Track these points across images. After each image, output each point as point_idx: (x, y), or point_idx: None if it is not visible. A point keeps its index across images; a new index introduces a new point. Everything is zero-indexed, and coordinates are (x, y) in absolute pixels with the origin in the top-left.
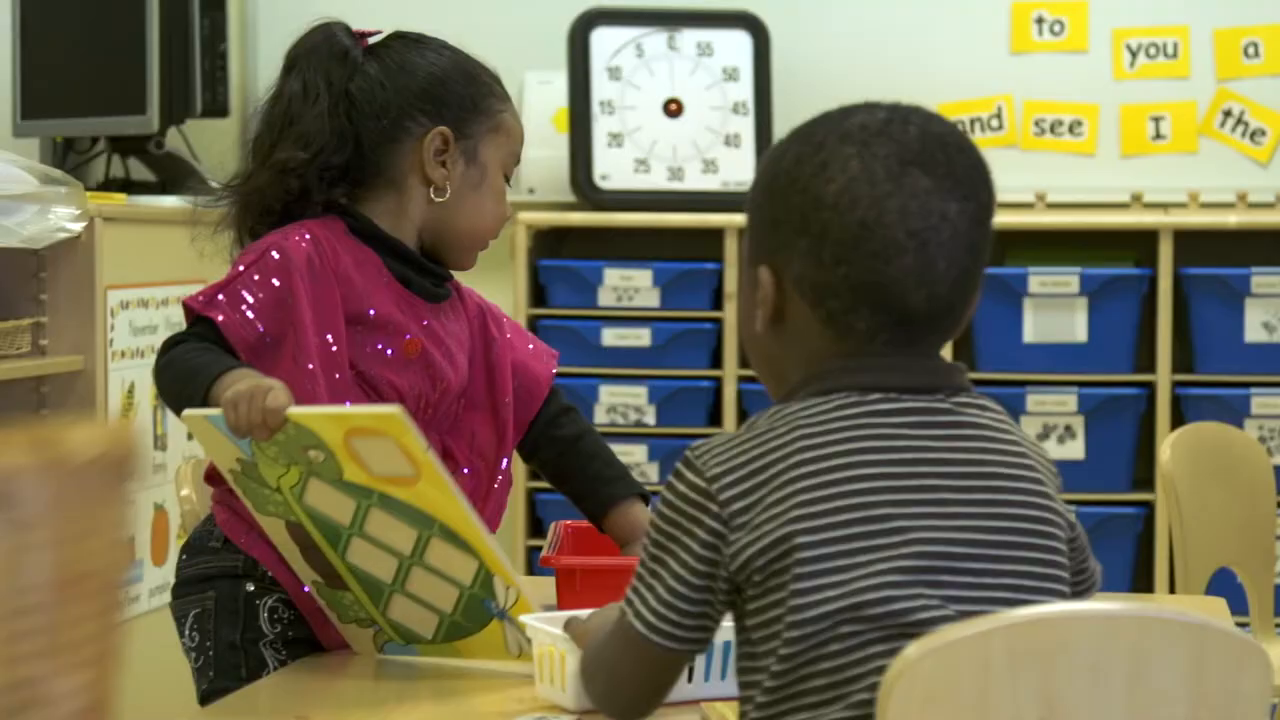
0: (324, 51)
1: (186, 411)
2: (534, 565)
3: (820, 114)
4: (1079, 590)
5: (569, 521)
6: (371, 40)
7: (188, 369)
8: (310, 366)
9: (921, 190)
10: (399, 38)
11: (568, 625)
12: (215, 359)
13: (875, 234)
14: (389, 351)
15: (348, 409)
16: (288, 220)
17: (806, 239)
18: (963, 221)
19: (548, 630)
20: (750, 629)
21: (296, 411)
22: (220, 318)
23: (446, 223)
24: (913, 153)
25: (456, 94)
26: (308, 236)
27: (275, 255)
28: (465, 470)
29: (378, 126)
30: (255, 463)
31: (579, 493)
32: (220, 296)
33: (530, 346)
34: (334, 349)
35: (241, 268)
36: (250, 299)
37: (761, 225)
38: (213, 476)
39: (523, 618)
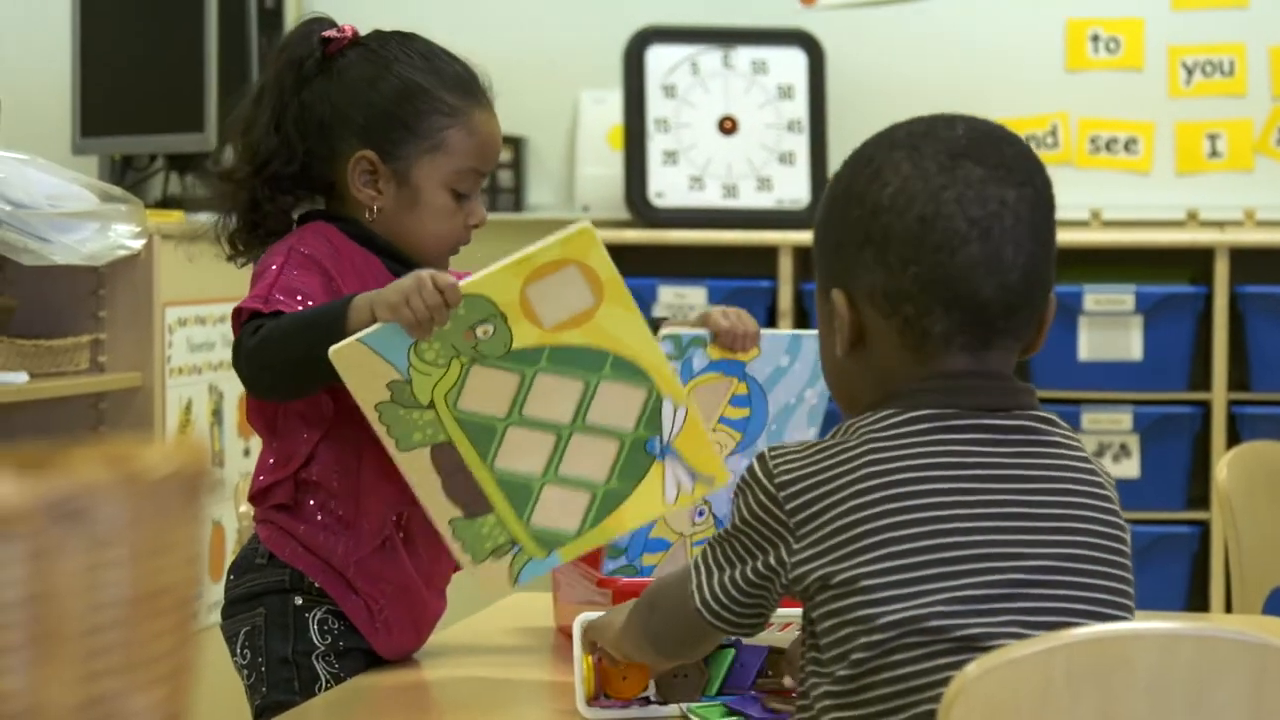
0: (288, 55)
1: (339, 346)
2: None
3: (867, 139)
4: None
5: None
6: (345, 41)
7: (299, 324)
8: None
9: (976, 179)
10: (365, 42)
11: (587, 630)
12: (318, 310)
13: (936, 226)
14: None
15: (530, 249)
16: (256, 225)
17: (871, 249)
18: (1023, 207)
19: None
20: (818, 633)
21: (473, 279)
22: (282, 308)
23: (394, 237)
24: (961, 147)
25: (389, 115)
26: (320, 237)
27: (304, 250)
28: None
29: (316, 143)
30: (409, 380)
31: None
32: (276, 294)
33: None
34: None
35: (275, 266)
36: (304, 288)
37: (827, 252)
38: (257, 495)
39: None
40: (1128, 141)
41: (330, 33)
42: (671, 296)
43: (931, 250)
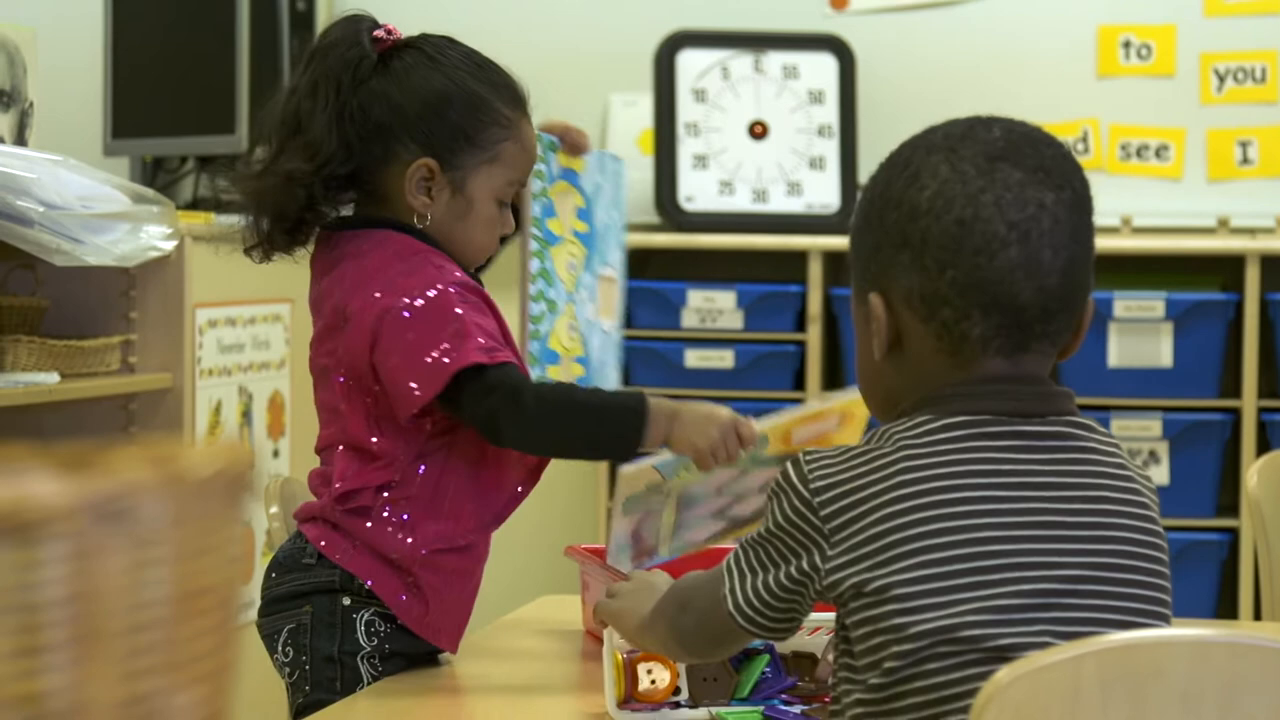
0: (340, 53)
1: (633, 470)
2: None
3: (905, 141)
4: None
5: (585, 546)
6: (394, 42)
7: (591, 411)
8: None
9: (1015, 182)
10: (419, 45)
11: (597, 610)
12: (614, 404)
13: (974, 230)
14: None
15: (814, 408)
16: (301, 223)
17: (908, 252)
18: (1061, 210)
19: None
20: (851, 639)
21: (770, 426)
22: (513, 358)
23: (440, 244)
24: (999, 149)
25: (451, 123)
26: (438, 254)
27: (453, 290)
28: None
29: (374, 145)
30: (666, 479)
31: None
32: (488, 343)
33: None
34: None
35: (457, 309)
36: (487, 326)
37: (863, 255)
38: (341, 497)
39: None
40: (1159, 148)
41: (379, 32)
42: (701, 300)
43: (970, 254)
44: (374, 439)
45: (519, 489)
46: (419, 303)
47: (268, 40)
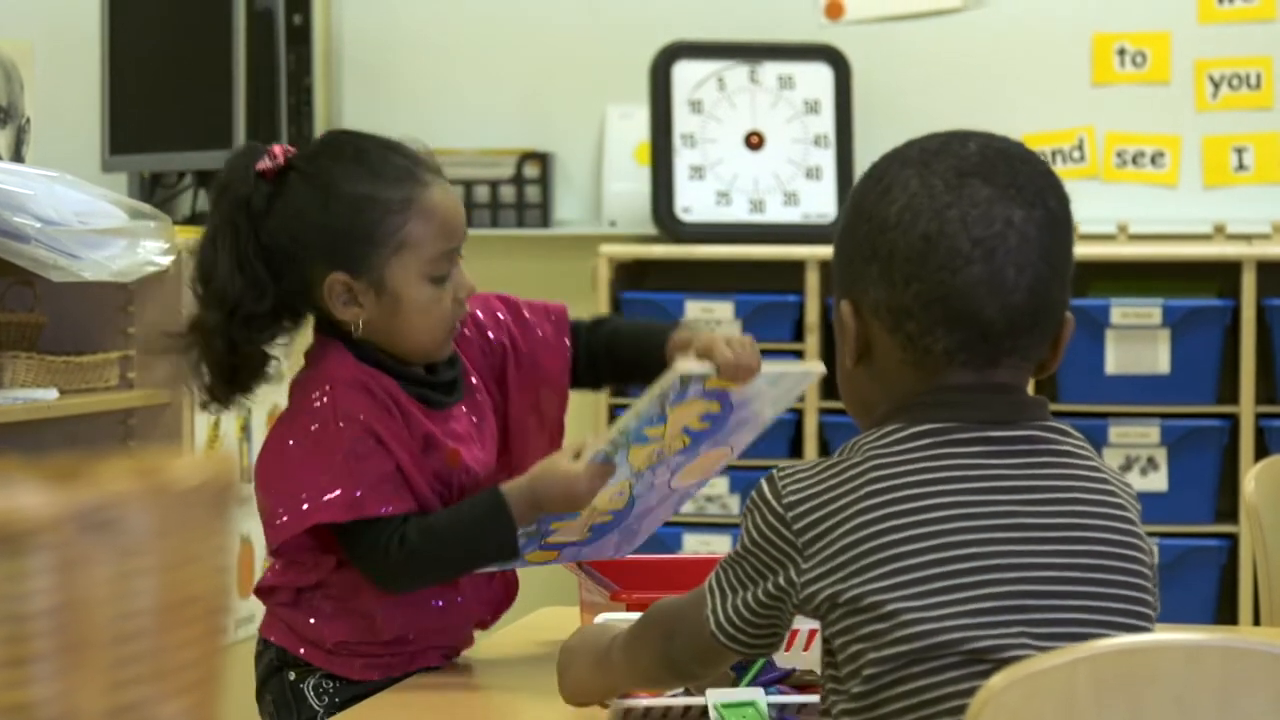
0: (232, 193)
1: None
2: None
3: (885, 153)
4: None
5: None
6: (278, 168)
7: (456, 533)
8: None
9: (982, 199)
10: (298, 165)
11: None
12: (474, 515)
13: (939, 245)
14: (438, 470)
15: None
16: (238, 369)
17: (877, 265)
18: (1030, 228)
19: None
20: (833, 651)
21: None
22: (384, 509)
23: (389, 345)
24: (971, 165)
25: (343, 232)
26: (348, 382)
27: (342, 424)
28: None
29: (287, 275)
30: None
31: (635, 368)
32: (358, 493)
33: (539, 333)
34: (427, 483)
35: (340, 455)
36: (380, 471)
37: (840, 264)
38: (262, 590)
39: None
40: (1154, 155)
41: (262, 164)
42: (698, 311)
43: (934, 269)
44: (285, 552)
45: (436, 602)
46: (296, 441)
47: (264, 55)
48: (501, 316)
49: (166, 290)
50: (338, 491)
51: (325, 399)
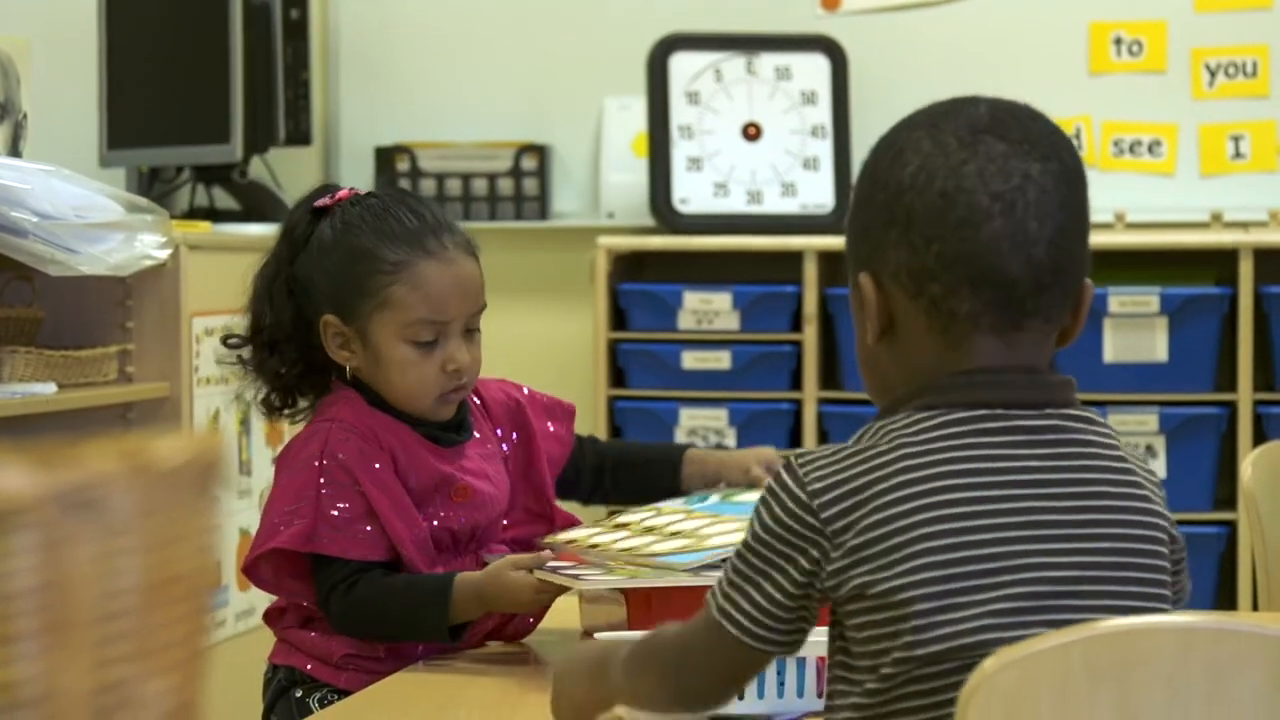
0: (288, 224)
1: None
2: None
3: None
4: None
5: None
6: (328, 206)
7: (397, 607)
8: (408, 555)
9: (998, 154)
10: (339, 210)
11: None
12: (419, 593)
13: (958, 201)
14: (443, 506)
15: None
16: (295, 384)
17: (895, 229)
18: (1048, 180)
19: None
20: (849, 641)
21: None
22: (338, 550)
23: (384, 395)
24: (983, 123)
25: (340, 278)
26: (345, 426)
27: (325, 463)
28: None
29: (306, 310)
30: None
31: (646, 480)
32: (318, 529)
33: (550, 427)
34: (414, 529)
35: (310, 491)
36: (338, 516)
37: (854, 238)
38: (271, 614)
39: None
40: (1151, 144)
41: (320, 201)
42: (697, 302)
43: (954, 226)
44: (283, 587)
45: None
46: (287, 473)
47: (261, 49)
48: (528, 404)
49: (164, 284)
50: (302, 522)
51: (318, 436)
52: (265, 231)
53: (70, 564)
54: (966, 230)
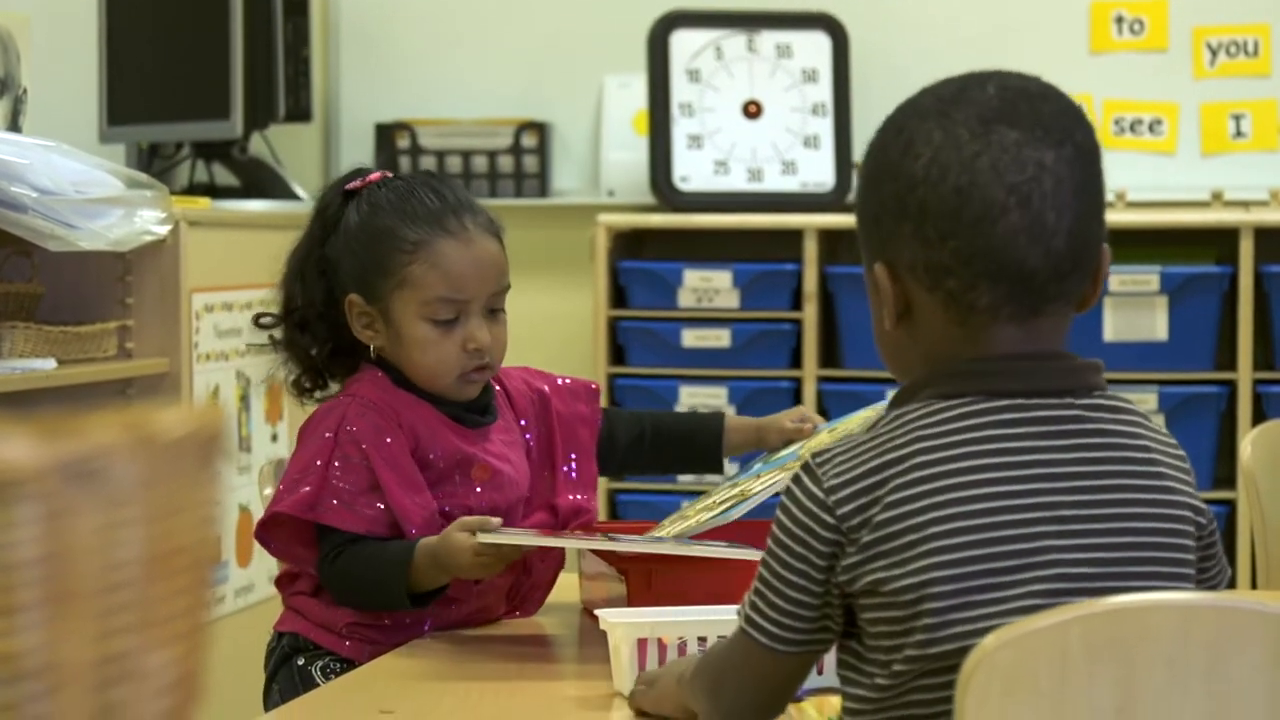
0: (320, 205)
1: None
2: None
3: (899, 104)
4: (1206, 586)
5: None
6: (359, 187)
7: (368, 578)
8: (414, 531)
9: (1011, 143)
10: (367, 191)
11: (634, 697)
12: (386, 565)
13: (973, 197)
14: (463, 486)
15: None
16: (324, 365)
17: (909, 223)
18: (1063, 167)
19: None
20: (862, 635)
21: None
22: (334, 521)
23: (407, 374)
24: (993, 110)
25: (362, 258)
26: (364, 402)
27: (340, 435)
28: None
29: (336, 289)
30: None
31: (689, 452)
32: (320, 498)
33: (580, 409)
34: (422, 507)
35: (320, 461)
36: (342, 487)
37: (867, 224)
38: (282, 579)
39: (601, 613)
40: (1152, 123)
41: (352, 184)
42: (697, 280)
43: (970, 223)
44: (297, 558)
45: (451, 597)
46: (304, 440)
47: (262, 25)
48: (549, 388)
49: (164, 260)
50: (308, 490)
51: (336, 410)
52: (265, 208)
53: (72, 535)
54: (983, 226)
